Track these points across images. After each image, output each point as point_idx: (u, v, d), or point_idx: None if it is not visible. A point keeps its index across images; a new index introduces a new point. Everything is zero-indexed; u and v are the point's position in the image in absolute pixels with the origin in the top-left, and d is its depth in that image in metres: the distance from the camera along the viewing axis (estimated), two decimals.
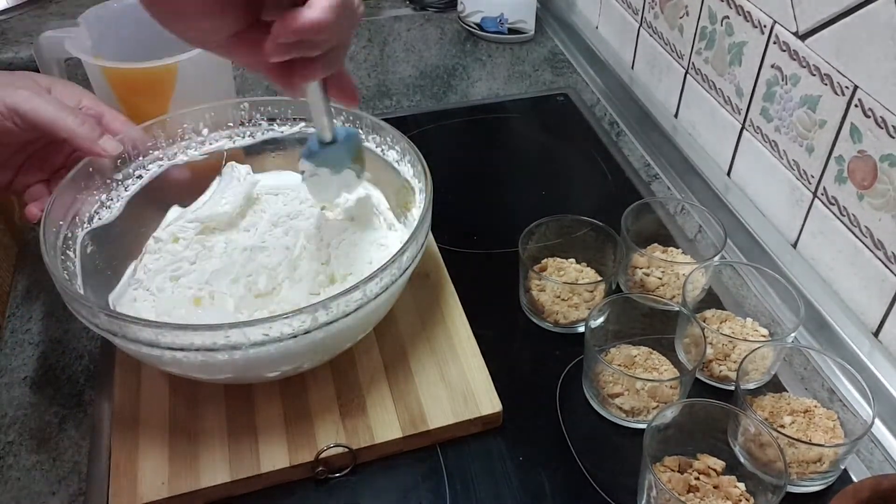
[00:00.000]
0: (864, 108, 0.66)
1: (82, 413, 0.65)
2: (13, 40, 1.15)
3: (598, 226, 0.74)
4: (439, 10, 1.27)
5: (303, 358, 0.59)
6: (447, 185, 0.86)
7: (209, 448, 0.60)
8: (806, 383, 0.68)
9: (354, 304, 0.56)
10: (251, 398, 0.63)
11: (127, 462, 0.59)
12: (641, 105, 0.99)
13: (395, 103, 1.06)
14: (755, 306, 0.74)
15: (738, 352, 0.66)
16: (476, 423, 0.63)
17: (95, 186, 0.67)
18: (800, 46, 0.72)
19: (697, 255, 0.77)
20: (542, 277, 0.72)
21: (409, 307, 0.70)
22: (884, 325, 0.68)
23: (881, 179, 0.65)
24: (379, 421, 0.62)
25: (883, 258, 0.67)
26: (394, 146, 0.72)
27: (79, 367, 0.69)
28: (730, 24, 0.82)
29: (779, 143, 0.78)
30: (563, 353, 0.70)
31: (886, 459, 0.64)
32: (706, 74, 0.88)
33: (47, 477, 0.61)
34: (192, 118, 0.74)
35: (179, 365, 0.57)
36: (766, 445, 0.56)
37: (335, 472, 0.60)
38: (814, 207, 0.74)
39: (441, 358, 0.67)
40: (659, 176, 0.94)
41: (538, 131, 1.02)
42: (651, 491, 0.55)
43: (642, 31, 1.01)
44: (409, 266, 0.61)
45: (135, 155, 0.69)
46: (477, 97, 1.07)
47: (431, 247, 0.76)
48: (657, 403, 0.63)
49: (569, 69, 1.14)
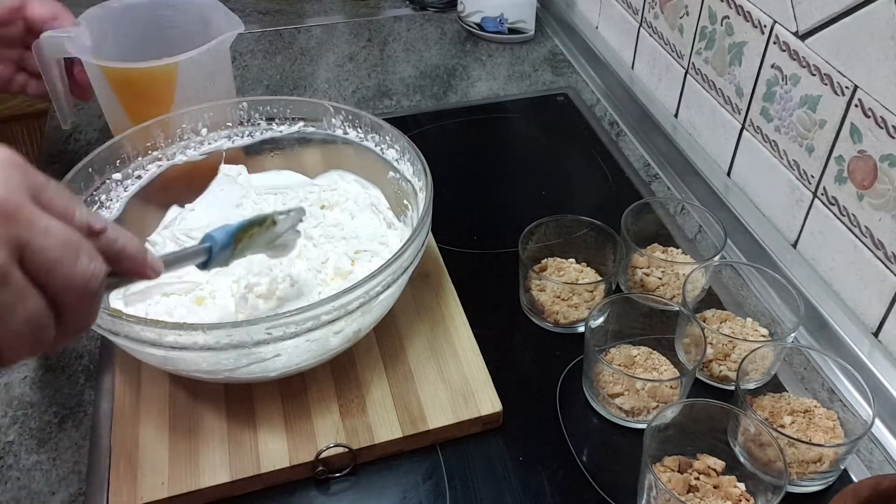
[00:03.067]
0: (864, 108, 0.66)
1: (82, 413, 0.65)
2: None
3: (598, 226, 0.74)
4: (439, 10, 1.27)
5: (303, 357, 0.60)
6: (447, 184, 0.86)
7: (209, 448, 0.60)
8: (806, 383, 0.68)
9: (355, 303, 0.56)
10: (251, 398, 0.63)
11: (127, 462, 0.59)
12: (641, 105, 0.99)
13: (395, 103, 1.06)
14: (755, 306, 0.74)
15: (738, 352, 0.66)
16: (476, 423, 0.63)
17: (95, 186, 0.67)
18: (800, 46, 0.72)
19: (697, 255, 0.77)
20: (542, 277, 0.72)
21: (409, 307, 0.70)
22: (884, 325, 0.68)
23: (881, 179, 0.65)
24: (379, 421, 0.62)
25: (883, 258, 0.67)
26: (393, 145, 0.72)
27: (79, 367, 0.69)
28: (730, 24, 0.82)
29: (779, 143, 0.78)
30: (563, 353, 0.70)
31: (886, 459, 0.64)
32: (706, 74, 0.88)
33: (47, 477, 0.61)
34: (190, 118, 0.74)
35: (181, 364, 0.57)
36: (766, 445, 0.56)
37: (335, 472, 0.60)
38: (814, 207, 0.74)
39: (441, 358, 0.67)
40: (659, 176, 0.94)
41: (538, 131, 1.02)
42: (651, 491, 0.55)
43: (642, 31, 1.01)
44: (409, 266, 0.61)
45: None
46: (477, 97, 1.07)
47: (431, 247, 0.76)
48: (657, 403, 0.63)
49: (569, 69, 1.14)
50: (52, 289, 0.37)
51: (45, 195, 0.37)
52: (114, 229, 0.40)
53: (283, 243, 0.61)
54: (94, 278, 0.38)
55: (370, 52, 1.16)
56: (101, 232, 0.39)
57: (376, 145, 0.74)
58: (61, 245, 0.36)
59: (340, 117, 0.75)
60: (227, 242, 0.53)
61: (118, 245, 0.40)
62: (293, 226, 0.61)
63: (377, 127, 0.73)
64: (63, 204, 0.38)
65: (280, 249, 0.61)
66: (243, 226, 0.55)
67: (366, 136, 0.74)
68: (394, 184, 0.74)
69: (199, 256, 0.52)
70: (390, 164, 0.73)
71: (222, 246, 0.53)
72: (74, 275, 0.37)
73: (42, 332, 0.37)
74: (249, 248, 0.57)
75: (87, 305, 0.39)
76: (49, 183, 0.38)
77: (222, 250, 0.53)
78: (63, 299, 0.37)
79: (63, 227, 0.37)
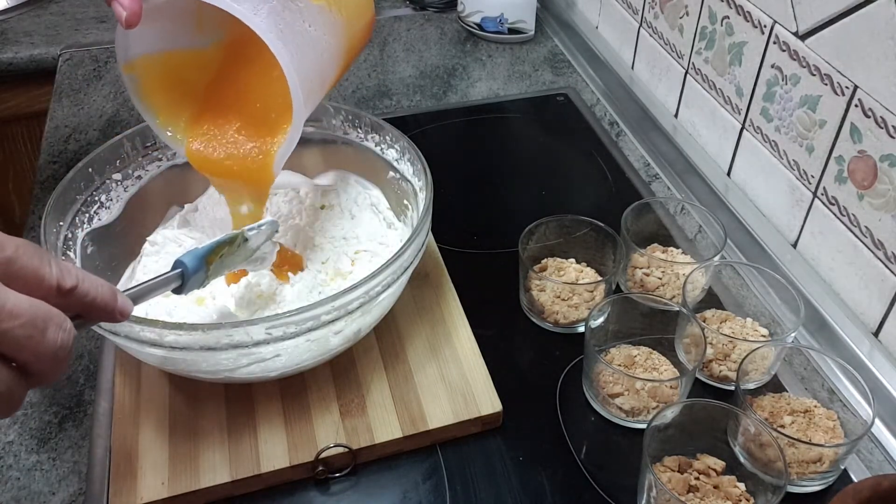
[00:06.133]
0: (864, 108, 0.66)
1: (82, 413, 0.65)
2: (13, 40, 1.15)
3: (598, 226, 0.74)
4: (439, 10, 1.27)
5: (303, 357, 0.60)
6: (447, 185, 0.86)
7: (209, 448, 0.60)
8: (806, 383, 0.68)
9: (355, 303, 0.56)
10: (251, 398, 0.63)
11: (127, 462, 0.59)
12: (641, 105, 0.99)
13: (395, 103, 1.06)
14: (755, 306, 0.74)
15: (738, 352, 0.66)
16: (476, 423, 0.63)
17: (95, 186, 0.67)
18: (800, 46, 0.72)
19: (697, 255, 0.77)
20: (542, 277, 0.72)
21: (409, 307, 0.70)
22: (884, 325, 0.68)
23: (881, 179, 0.65)
24: (379, 421, 0.62)
25: (883, 258, 0.67)
26: (393, 145, 0.72)
27: (79, 367, 0.69)
28: (730, 24, 0.82)
29: (779, 143, 0.78)
30: (563, 353, 0.70)
31: (886, 459, 0.64)
32: (706, 74, 0.88)
33: (47, 477, 0.61)
34: None
35: (181, 364, 0.57)
36: (766, 445, 0.56)
37: (335, 472, 0.60)
38: (814, 207, 0.74)
39: (441, 358, 0.67)
40: (659, 176, 0.94)
41: (538, 131, 1.02)
42: (651, 491, 0.55)
43: (642, 31, 1.01)
44: (409, 266, 0.61)
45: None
46: (477, 97, 1.07)
47: (431, 247, 0.76)
48: (657, 403, 0.63)
49: (569, 69, 1.14)
50: (21, 361, 0.37)
51: (13, 267, 0.37)
52: (83, 281, 0.40)
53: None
54: (63, 348, 0.39)
55: (370, 52, 1.16)
56: (72, 290, 0.40)
57: (376, 145, 0.74)
58: (29, 324, 0.37)
59: (340, 117, 0.75)
60: (199, 266, 0.54)
61: (88, 299, 0.41)
62: (267, 239, 0.61)
63: (377, 127, 0.73)
64: (32, 269, 0.38)
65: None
66: (213, 248, 0.56)
67: (366, 136, 0.74)
68: (394, 184, 0.74)
69: (172, 283, 0.52)
70: (390, 164, 0.73)
71: (194, 270, 0.53)
72: (44, 349, 0.37)
73: (12, 398, 0.38)
74: (224, 267, 0.57)
75: (58, 366, 0.39)
76: (18, 251, 0.37)
77: (195, 274, 0.54)
78: (32, 368, 0.38)
79: (30, 304, 0.37)
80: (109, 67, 1.10)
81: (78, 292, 0.40)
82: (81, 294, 0.40)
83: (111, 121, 1.00)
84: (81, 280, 0.40)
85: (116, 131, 0.82)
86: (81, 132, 0.98)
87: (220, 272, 0.57)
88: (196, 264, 0.54)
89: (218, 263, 0.56)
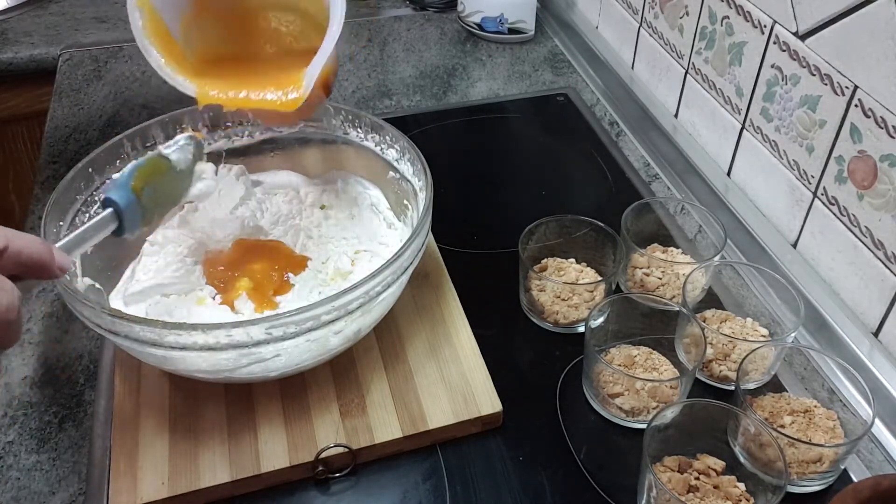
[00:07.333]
0: (864, 108, 0.66)
1: (82, 413, 0.65)
2: (13, 40, 1.15)
3: (598, 226, 0.74)
4: (439, 10, 1.27)
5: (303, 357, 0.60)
6: (447, 185, 0.86)
7: (209, 448, 0.60)
8: (806, 383, 0.68)
9: (355, 303, 0.56)
10: (251, 398, 0.63)
11: (127, 462, 0.59)
12: (641, 105, 0.99)
13: (395, 103, 1.06)
14: (755, 306, 0.74)
15: (738, 352, 0.66)
16: (476, 423, 0.63)
17: (95, 186, 0.67)
18: (800, 46, 0.72)
19: (697, 255, 0.77)
20: (542, 277, 0.72)
21: (409, 307, 0.70)
22: (884, 325, 0.68)
23: (881, 179, 0.65)
24: (379, 421, 0.62)
25: (883, 258, 0.67)
26: (393, 145, 0.72)
27: (79, 367, 0.69)
28: (730, 24, 0.82)
29: (779, 143, 0.78)
30: (563, 353, 0.70)
31: (886, 459, 0.64)
32: (706, 74, 0.88)
33: (47, 477, 0.61)
34: (190, 118, 0.73)
35: (181, 364, 0.57)
36: (766, 445, 0.56)
37: (335, 472, 0.60)
38: (814, 207, 0.74)
39: (441, 358, 0.67)
40: (659, 176, 0.94)
41: (538, 131, 1.02)
42: (651, 491, 0.55)
43: (642, 31, 1.01)
44: (409, 266, 0.61)
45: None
46: (477, 97, 1.07)
47: (431, 247, 0.76)
48: (657, 403, 0.63)
49: (569, 69, 1.14)
50: None
51: None
52: (13, 241, 0.40)
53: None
54: (10, 310, 0.38)
55: (370, 52, 1.16)
56: (3, 252, 0.39)
57: (376, 145, 0.74)
58: None
59: (340, 117, 0.75)
60: (129, 198, 0.50)
61: (23, 257, 0.40)
62: (193, 156, 0.57)
63: (377, 127, 0.73)
64: None
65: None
66: (132, 172, 0.52)
67: (366, 136, 0.74)
68: (394, 184, 0.74)
69: (107, 224, 0.50)
70: (390, 164, 0.73)
71: (126, 204, 0.50)
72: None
73: None
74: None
75: (10, 329, 0.39)
76: None
77: (128, 208, 0.50)
78: None
79: None
80: (109, 67, 1.10)
81: (10, 252, 0.40)
82: (14, 254, 0.40)
83: (111, 121, 1.00)
84: (11, 240, 0.40)
85: (116, 131, 0.82)
86: (81, 132, 0.98)
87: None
88: (124, 195, 0.50)
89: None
